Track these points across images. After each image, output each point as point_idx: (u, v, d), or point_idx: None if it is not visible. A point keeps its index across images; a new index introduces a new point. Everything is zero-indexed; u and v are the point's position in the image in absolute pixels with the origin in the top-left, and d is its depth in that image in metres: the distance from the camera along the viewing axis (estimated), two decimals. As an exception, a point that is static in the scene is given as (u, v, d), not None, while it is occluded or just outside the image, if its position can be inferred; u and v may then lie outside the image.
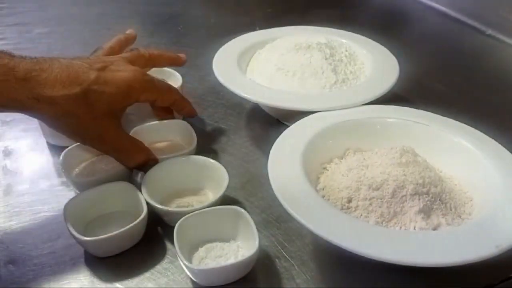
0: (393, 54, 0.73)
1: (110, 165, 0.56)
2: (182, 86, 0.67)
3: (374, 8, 1.11)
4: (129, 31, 0.65)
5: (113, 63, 0.53)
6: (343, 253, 0.41)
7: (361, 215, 0.48)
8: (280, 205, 0.45)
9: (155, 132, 0.61)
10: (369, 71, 0.70)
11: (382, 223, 0.47)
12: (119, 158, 0.55)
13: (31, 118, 0.62)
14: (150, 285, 0.46)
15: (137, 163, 0.55)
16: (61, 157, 0.56)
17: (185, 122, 0.62)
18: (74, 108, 0.49)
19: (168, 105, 0.61)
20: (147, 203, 0.50)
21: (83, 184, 0.53)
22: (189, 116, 0.63)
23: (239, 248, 0.48)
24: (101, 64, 0.52)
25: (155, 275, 0.47)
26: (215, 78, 0.66)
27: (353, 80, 0.68)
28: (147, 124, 0.62)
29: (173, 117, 0.63)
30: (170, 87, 0.60)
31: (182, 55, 0.66)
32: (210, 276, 0.45)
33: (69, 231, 0.47)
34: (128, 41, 0.64)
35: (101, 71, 0.51)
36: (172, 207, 0.53)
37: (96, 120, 0.51)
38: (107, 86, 0.50)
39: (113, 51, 0.60)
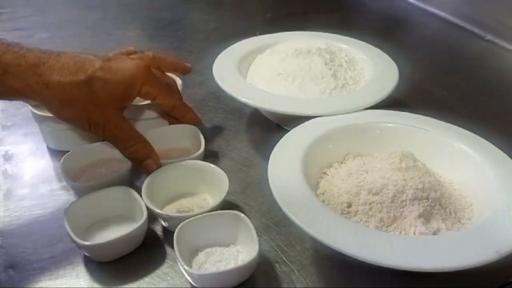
0: (393, 59, 0.73)
1: (110, 169, 0.56)
2: (182, 90, 0.67)
3: (373, 14, 1.12)
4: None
5: (119, 58, 0.56)
6: (343, 258, 0.41)
7: (361, 219, 0.48)
8: (280, 209, 0.46)
9: (164, 137, 0.61)
10: (368, 76, 0.70)
11: (382, 227, 0.47)
12: (118, 146, 0.55)
13: (31, 122, 0.63)
14: (150, 289, 0.46)
15: (135, 153, 0.55)
16: (61, 162, 0.56)
17: (194, 127, 0.62)
18: (80, 94, 0.51)
19: (169, 108, 0.62)
20: (147, 208, 0.50)
21: (83, 188, 0.53)
22: (192, 123, 0.63)
23: (239, 253, 0.48)
24: (107, 56, 0.55)
25: (154, 279, 0.47)
26: (215, 83, 0.66)
27: (352, 85, 0.68)
28: (156, 129, 0.62)
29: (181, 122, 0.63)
30: (171, 90, 0.61)
31: (188, 65, 0.66)
32: (210, 281, 0.45)
33: (69, 235, 0.47)
34: (131, 54, 0.64)
35: (106, 61, 0.53)
36: (172, 212, 0.53)
37: (100, 107, 0.52)
38: (111, 74, 0.53)
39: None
